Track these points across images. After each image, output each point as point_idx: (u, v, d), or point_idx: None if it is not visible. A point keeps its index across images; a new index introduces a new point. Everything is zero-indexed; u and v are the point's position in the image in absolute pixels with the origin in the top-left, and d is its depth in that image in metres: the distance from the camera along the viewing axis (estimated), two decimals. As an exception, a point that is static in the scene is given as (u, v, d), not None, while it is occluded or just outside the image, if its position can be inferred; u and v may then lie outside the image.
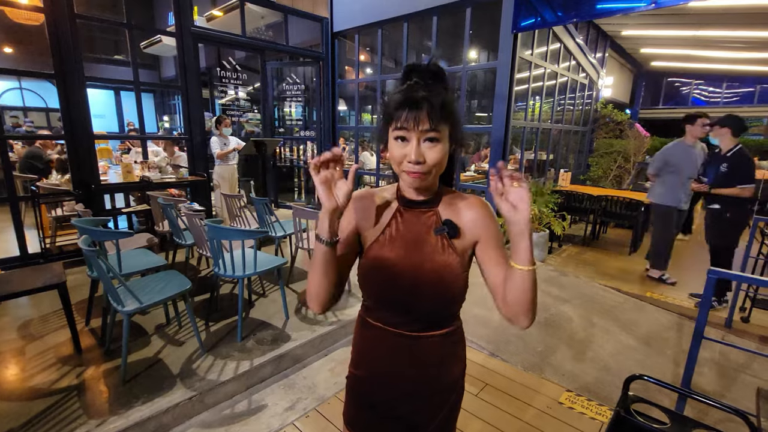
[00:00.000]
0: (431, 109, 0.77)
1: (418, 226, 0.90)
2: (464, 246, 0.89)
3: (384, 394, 0.96)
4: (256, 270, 2.63)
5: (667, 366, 2.56)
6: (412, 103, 0.77)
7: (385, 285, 0.89)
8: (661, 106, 11.46)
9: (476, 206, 0.90)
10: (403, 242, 0.89)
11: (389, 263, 0.88)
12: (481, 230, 0.88)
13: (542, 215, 4.39)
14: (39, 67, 3.98)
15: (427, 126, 0.77)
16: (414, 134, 0.78)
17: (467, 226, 0.88)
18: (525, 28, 4.18)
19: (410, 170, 0.80)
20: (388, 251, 0.89)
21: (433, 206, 0.90)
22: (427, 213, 0.90)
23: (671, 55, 9.07)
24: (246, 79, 5.50)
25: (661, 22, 6.73)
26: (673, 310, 3.36)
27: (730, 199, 3.26)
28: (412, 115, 0.77)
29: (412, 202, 0.90)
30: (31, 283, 2.29)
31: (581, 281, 3.91)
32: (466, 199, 0.91)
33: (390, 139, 0.83)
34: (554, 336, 2.85)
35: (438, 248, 0.87)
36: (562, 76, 5.79)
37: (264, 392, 2.24)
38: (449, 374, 0.97)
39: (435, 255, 0.86)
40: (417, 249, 0.87)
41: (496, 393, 2.25)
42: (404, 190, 0.91)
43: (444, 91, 0.80)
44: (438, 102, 0.77)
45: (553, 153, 6.45)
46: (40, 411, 1.89)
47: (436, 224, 0.88)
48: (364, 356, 0.99)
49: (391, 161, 0.84)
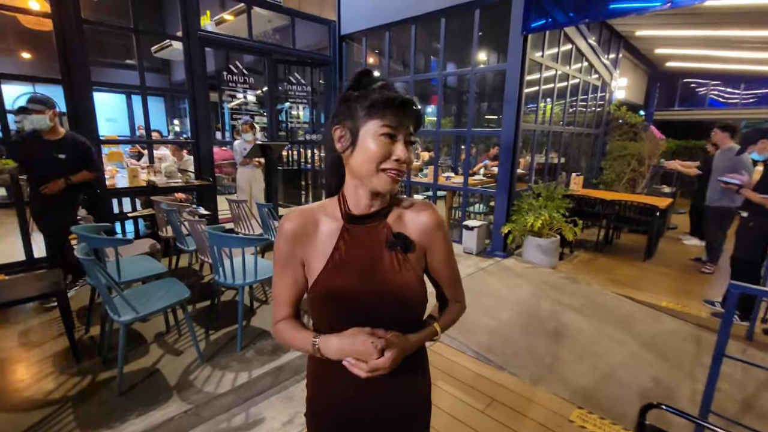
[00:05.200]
0: (417, 113, 0.78)
1: (370, 243, 0.83)
2: (419, 258, 0.86)
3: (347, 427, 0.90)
4: (257, 278, 2.58)
5: (685, 381, 2.43)
6: (404, 102, 0.76)
7: (341, 316, 0.82)
8: (676, 107, 11.16)
9: (424, 213, 0.86)
10: (356, 266, 0.81)
11: (344, 292, 0.80)
12: (429, 239, 0.86)
13: (553, 220, 4.27)
14: (50, 73, 4.00)
15: (412, 128, 0.79)
16: (403, 134, 0.77)
17: (417, 236, 0.85)
18: (535, 29, 4.07)
19: (395, 169, 0.77)
20: (340, 280, 0.81)
21: (382, 218, 0.84)
22: (376, 227, 0.84)
23: (687, 55, 8.84)
24: (254, 83, 5.48)
25: (676, 22, 6.55)
26: (691, 320, 3.21)
27: (757, 208, 3.11)
28: (404, 114, 0.76)
29: (358, 218, 0.83)
30: (31, 290, 2.26)
31: (593, 289, 3.78)
32: (413, 205, 0.87)
33: (368, 135, 0.76)
34: (565, 347, 2.74)
35: (394, 267, 0.81)
36: (574, 77, 5.65)
37: (262, 405, 2.18)
38: (415, 393, 0.92)
39: (392, 275, 0.81)
40: (373, 271, 0.81)
41: (502, 409, 2.15)
42: (354, 202, 0.83)
43: None
44: (419, 110, 0.79)
45: (565, 156, 6.30)
46: (34, 423, 1.85)
47: (387, 238, 0.82)
48: (322, 386, 0.91)
49: (364, 160, 0.76)
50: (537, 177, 5.43)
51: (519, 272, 4.10)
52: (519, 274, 4.06)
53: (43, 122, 2.90)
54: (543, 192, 4.56)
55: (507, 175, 4.41)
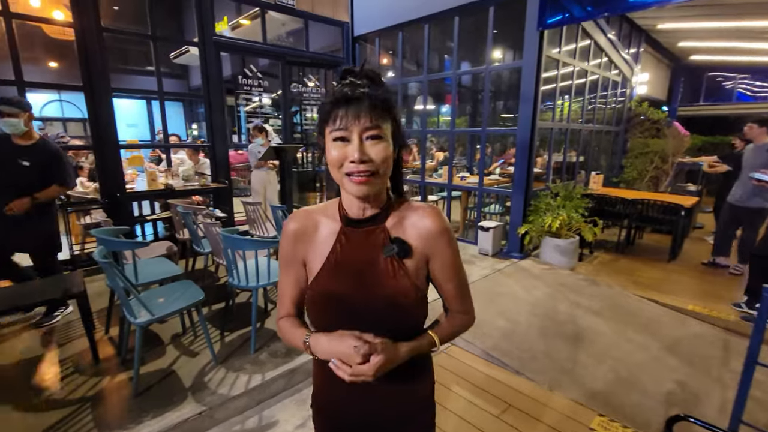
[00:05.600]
0: (372, 103, 0.70)
1: (366, 247, 0.81)
2: (417, 265, 0.81)
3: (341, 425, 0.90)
4: (270, 280, 2.58)
5: (713, 388, 2.31)
6: (351, 98, 0.70)
7: (335, 318, 0.81)
8: (701, 102, 10.77)
9: (427, 218, 0.80)
10: (351, 269, 0.80)
11: (337, 295, 0.80)
12: (431, 246, 0.81)
13: (572, 220, 4.16)
14: (74, 80, 4.12)
15: (369, 122, 0.70)
16: (355, 132, 0.71)
17: (418, 242, 0.80)
18: (552, 25, 3.98)
19: (354, 171, 0.71)
20: (335, 282, 0.81)
21: (380, 222, 0.81)
22: (374, 231, 0.81)
23: (712, 48, 8.51)
24: (268, 86, 5.53)
25: (700, 14, 6.31)
26: (718, 324, 3.07)
27: None
28: (352, 111, 0.70)
29: (356, 221, 0.82)
30: (52, 293, 2.33)
31: (614, 291, 3.66)
32: (417, 210, 0.82)
33: (328, 142, 0.74)
34: (585, 352, 2.65)
35: (389, 272, 0.79)
36: (593, 73, 5.50)
37: (275, 408, 2.18)
38: (411, 397, 0.89)
39: (386, 281, 0.78)
40: (366, 276, 0.79)
41: (519, 415, 2.09)
42: (347, 206, 0.82)
43: (384, 88, 0.74)
44: (380, 96, 0.71)
45: (584, 154, 6.14)
46: (53, 423, 1.89)
47: (384, 243, 0.80)
48: (322, 382, 0.91)
49: (330, 167, 0.76)
50: (555, 176, 5.30)
51: (536, 274, 4.00)
52: (536, 275, 3.96)
53: (17, 126, 2.62)
54: (561, 191, 4.45)
55: (523, 175, 4.32)
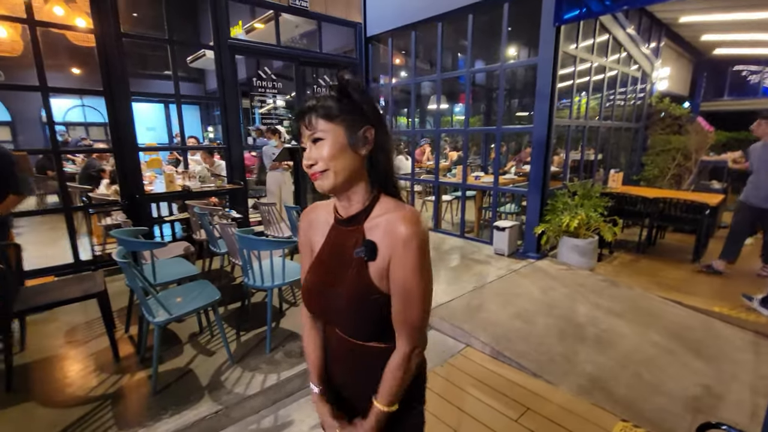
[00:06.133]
0: (311, 115, 0.80)
1: (344, 246, 0.87)
2: (381, 269, 0.82)
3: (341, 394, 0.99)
4: (285, 280, 2.59)
5: (743, 395, 2.21)
6: (297, 114, 0.83)
7: (315, 307, 0.95)
8: (726, 97, 10.41)
9: (397, 222, 0.80)
10: (329, 265, 0.90)
11: (316, 287, 0.91)
12: (392, 251, 0.80)
13: (590, 220, 4.06)
14: (95, 85, 4.23)
15: (310, 129, 0.81)
16: (306, 139, 0.82)
17: (385, 246, 0.81)
18: (569, 20, 3.89)
19: (309, 173, 0.83)
20: (316, 275, 0.92)
21: (359, 223, 0.85)
22: (353, 231, 0.86)
23: (737, 41, 8.21)
24: (282, 88, 5.58)
25: (724, 6, 6.09)
26: (748, 327, 2.95)
27: None
28: (303, 121, 0.82)
29: (342, 220, 0.89)
30: (74, 292, 2.38)
31: (636, 292, 3.55)
32: (395, 213, 0.82)
33: None
34: (606, 355, 2.57)
35: (354, 272, 0.83)
36: (611, 69, 5.37)
37: (291, 407, 2.18)
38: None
39: (349, 280, 0.84)
40: (338, 272, 0.87)
41: (538, 420, 2.04)
42: (336, 204, 0.90)
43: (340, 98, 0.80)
44: (320, 106, 0.80)
45: (602, 152, 6.00)
46: (74, 420, 1.93)
47: (357, 244, 0.84)
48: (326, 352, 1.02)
49: None
50: (572, 174, 5.20)
51: (554, 274, 3.92)
52: (554, 276, 3.88)
53: None
54: (579, 190, 4.34)
55: (540, 174, 4.24)
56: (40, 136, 9.51)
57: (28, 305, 2.27)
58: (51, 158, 3.83)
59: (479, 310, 3.13)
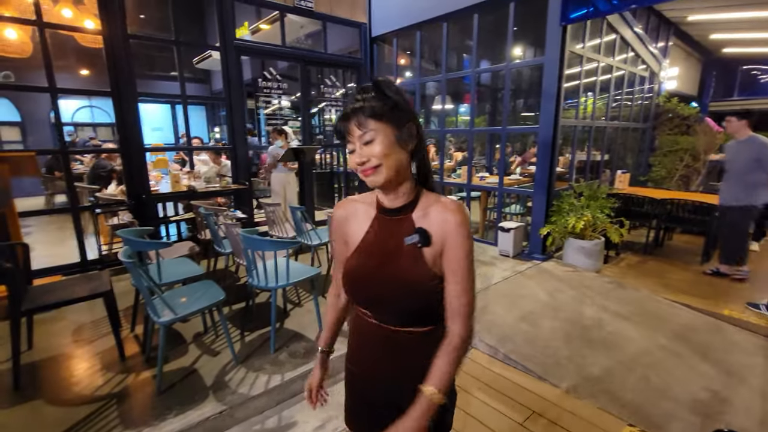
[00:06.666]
0: (359, 116, 0.83)
1: (393, 234, 0.91)
2: (435, 254, 0.88)
3: (371, 384, 1.00)
4: (289, 281, 2.59)
5: (753, 400, 2.18)
6: (343, 116, 0.86)
7: (360, 293, 0.96)
8: (735, 97, 10.28)
9: (448, 211, 0.88)
10: (378, 251, 0.92)
11: (363, 272, 0.93)
12: (445, 237, 0.87)
13: (596, 221, 4.02)
14: (103, 86, 4.27)
15: (359, 132, 0.84)
16: (353, 142, 0.86)
17: (438, 233, 0.88)
18: (575, 19, 3.86)
19: (360, 171, 0.86)
20: (364, 260, 0.94)
21: (407, 213, 0.91)
22: (401, 220, 0.91)
23: (747, 39, 8.10)
24: (287, 89, 5.59)
25: (733, 4, 6.01)
26: (759, 331, 2.90)
27: None
28: (348, 124, 0.85)
29: (388, 210, 0.93)
30: (80, 291, 2.40)
31: (643, 295, 3.51)
32: (441, 203, 0.90)
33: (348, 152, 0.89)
34: (612, 358, 2.54)
35: (409, 259, 0.88)
36: (618, 69, 5.32)
37: (295, 408, 2.18)
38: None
39: (405, 266, 0.88)
40: (390, 259, 0.90)
41: (544, 423, 2.02)
42: (381, 197, 0.94)
43: (381, 97, 0.85)
44: (368, 106, 0.83)
45: (609, 153, 5.94)
46: (81, 419, 1.95)
47: (408, 232, 0.89)
48: (353, 345, 1.06)
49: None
50: (578, 175, 5.15)
51: (559, 276, 3.89)
52: (559, 277, 3.85)
53: None
54: (585, 191, 4.31)
55: (545, 174, 4.21)
56: (49, 136, 9.61)
57: (35, 304, 2.29)
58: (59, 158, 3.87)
59: (484, 312, 3.11)
